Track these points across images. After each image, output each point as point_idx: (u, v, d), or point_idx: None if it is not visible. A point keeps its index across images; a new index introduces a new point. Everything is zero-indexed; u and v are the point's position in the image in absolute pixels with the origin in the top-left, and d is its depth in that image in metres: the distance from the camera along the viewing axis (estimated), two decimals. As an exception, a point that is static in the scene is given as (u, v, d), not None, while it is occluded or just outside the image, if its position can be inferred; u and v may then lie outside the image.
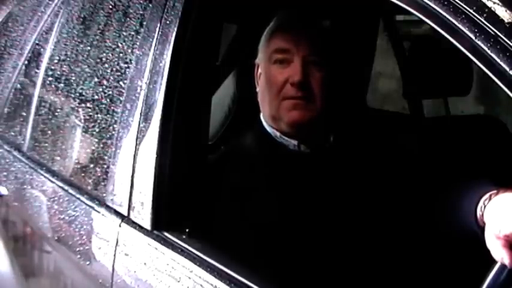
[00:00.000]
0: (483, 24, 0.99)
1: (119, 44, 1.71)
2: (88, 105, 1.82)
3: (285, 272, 1.39)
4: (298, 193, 1.49)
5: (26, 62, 2.38)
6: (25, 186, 2.08)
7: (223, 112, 2.32)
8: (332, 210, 1.49)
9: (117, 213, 1.55)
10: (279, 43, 1.54)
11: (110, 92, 1.70)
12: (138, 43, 1.61)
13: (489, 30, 0.98)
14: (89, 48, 1.92)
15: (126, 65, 1.65)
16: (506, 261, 0.97)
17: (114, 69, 1.71)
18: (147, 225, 1.45)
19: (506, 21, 0.98)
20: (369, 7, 2.34)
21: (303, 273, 1.41)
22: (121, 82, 1.65)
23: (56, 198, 1.86)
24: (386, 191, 1.49)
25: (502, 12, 0.99)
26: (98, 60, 1.82)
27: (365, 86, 2.57)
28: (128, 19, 1.70)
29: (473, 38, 0.99)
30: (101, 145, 1.70)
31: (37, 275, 2.06)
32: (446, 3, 1.04)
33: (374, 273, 1.45)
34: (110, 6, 1.85)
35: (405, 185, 1.48)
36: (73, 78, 1.98)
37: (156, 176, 1.45)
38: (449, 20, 1.03)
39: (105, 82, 1.74)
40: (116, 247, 1.51)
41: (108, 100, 1.71)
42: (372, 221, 1.48)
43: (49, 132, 2.06)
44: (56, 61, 2.13)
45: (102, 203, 1.62)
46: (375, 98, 3.77)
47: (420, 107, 2.55)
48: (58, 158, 1.97)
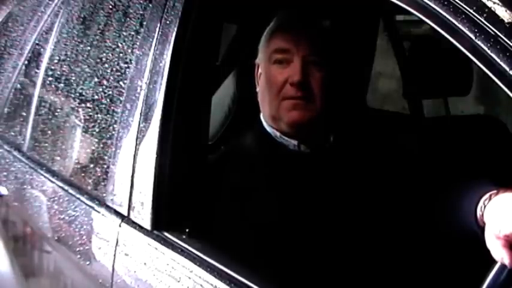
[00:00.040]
0: (483, 24, 0.99)
1: (119, 44, 1.71)
2: (88, 105, 1.82)
3: (285, 272, 1.39)
4: (298, 193, 1.49)
5: (26, 62, 2.38)
6: (25, 186, 2.08)
7: (223, 112, 2.32)
8: (332, 210, 1.49)
9: (117, 213, 1.55)
10: (279, 43, 1.54)
11: (110, 92, 1.70)
12: (138, 43, 1.61)
13: (489, 30, 0.98)
14: (89, 48, 1.92)
15: (126, 65, 1.65)
16: (506, 261, 0.97)
17: (114, 69, 1.71)
18: (147, 225, 1.45)
19: (506, 21, 0.97)
20: (369, 7, 2.34)
21: (303, 273, 1.41)
22: (121, 82, 1.65)
23: (56, 198, 1.86)
24: (386, 191, 1.49)
25: (502, 12, 0.99)
26: (98, 60, 1.82)
27: (365, 86, 2.57)
28: (128, 19, 1.70)
29: (473, 38, 0.99)
30: (101, 145, 1.70)
31: (37, 275, 2.06)
32: (446, 3, 1.04)
33: (374, 273, 1.45)
34: (110, 6, 1.85)
35: (405, 185, 1.48)
36: (73, 78, 1.98)
37: (156, 176, 1.45)
38: (449, 20, 1.03)
39: (105, 82, 1.74)
40: (116, 247, 1.51)
41: (108, 100, 1.71)
42: (372, 221, 1.48)
43: (49, 132, 2.06)
44: (56, 61, 2.13)
45: (102, 203, 1.62)
46: (375, 98, 3.77)
47: (420, 107, 2.55)
48: (58, 158, 1.97)
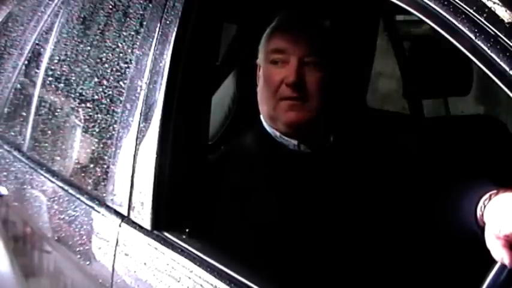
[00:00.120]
0: (483, 24, 0.99)
1: (119, 44, 1.71)
2: (88, 105, 1.82)
3: (285, 272, 1.39)
4: (298, 193, 1.49)
5: (26, 62, 2.38)
6: (25, 186, 2.08)
7: (223, 112, 2.32)
8: (332, 210, 1.49)
9: (117, 213, 1.55)
10: (277, 43, 1.54)
11: (110, 92, 1.70)
12: (138, 43, 1.61)
13: (489, 30, 0.98)
14: (89, 48, 1.92)
15: (126, 65, 1.65)
16: (506, 261, 0.97)
17: (114, 69, 1.71)
18: (147, 225, 1.45)
19: (506, 21, 0.97)
20: (369, 7, 2.34)
21: (303, 273, 1.41)
22: (121, 82, 1.65)
23: (56, 198, 1.86)
24: (386, 191, 1.49)
25: (502, 12, 0.99)
26: (98, 60, 1.82)
27: (365, 86, 2.57)
28: (128, 19, 1.70)
29: (473, 38, 0.99)
30: (101, 145, 1.70)
31: (37, 275, 2.06)
32: (446, 3, 1.04)
33: (374, 273, 1.45)
34: (110, 6, 1.85)
35: (405, 185, 1.48)
36: (73, 78, 1.98)
37: (156, 176, 1.45)
38: (449, 20, 1.03)
39: (105, 82, 1.74)
40: (116, 247, 1.51)
41: (108, 100, 1.71)
42: (372, 221, 1.48)
43: (49, 132, 2.06)
44: (56, 61, 2.13)
45: (102, 203, 1.62)
46: (375, 98, 3.77)
47: (420, 107, 2.55)
48: (58, 158, 1.97)
